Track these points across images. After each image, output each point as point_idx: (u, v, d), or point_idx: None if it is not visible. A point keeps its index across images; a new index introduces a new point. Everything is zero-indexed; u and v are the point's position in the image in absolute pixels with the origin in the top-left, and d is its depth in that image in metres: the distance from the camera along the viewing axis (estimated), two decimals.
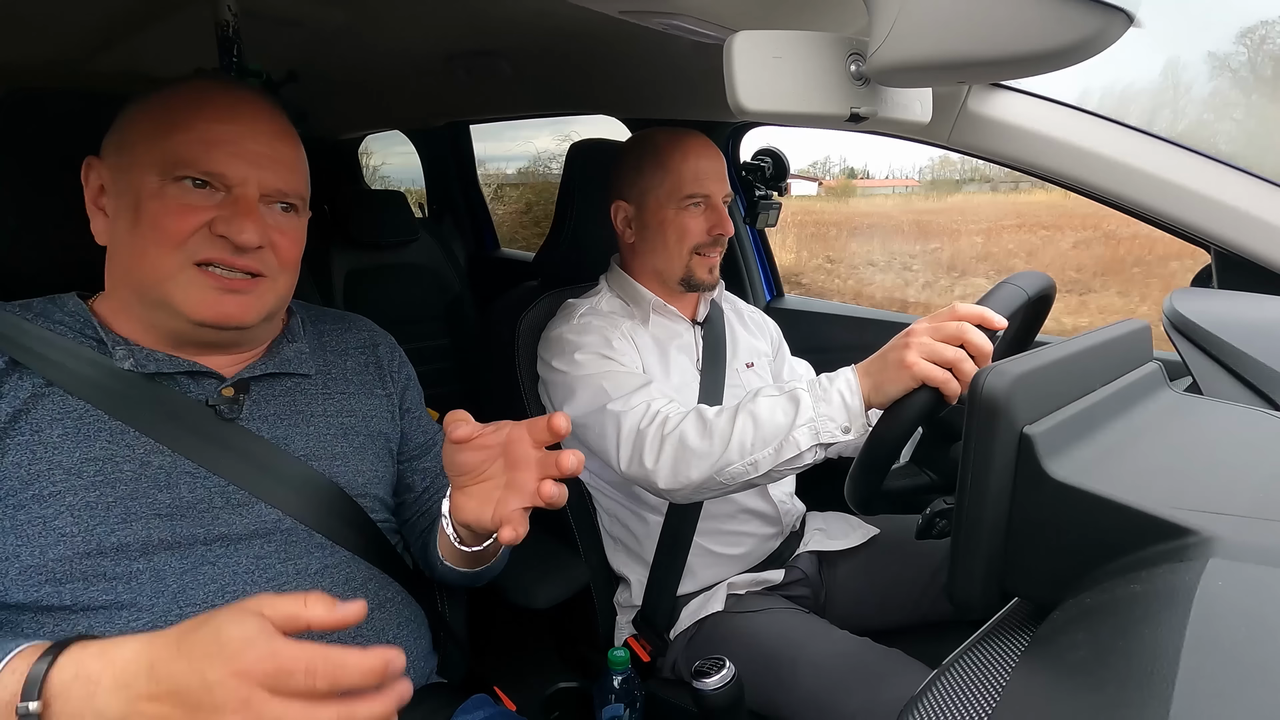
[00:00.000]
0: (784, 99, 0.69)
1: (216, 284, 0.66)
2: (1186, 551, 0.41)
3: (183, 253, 0.65)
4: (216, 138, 0.66)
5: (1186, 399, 0.65)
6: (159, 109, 0.67)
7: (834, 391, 0.85)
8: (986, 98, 1.05)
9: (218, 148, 0.66)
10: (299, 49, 1.40)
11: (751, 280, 1.77)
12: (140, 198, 0.65)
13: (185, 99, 0.67)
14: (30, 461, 0.61)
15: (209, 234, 0.65)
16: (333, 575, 0.74)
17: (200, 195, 0.66)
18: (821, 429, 0.84)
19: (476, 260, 2.45)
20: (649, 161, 1.13)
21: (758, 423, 0.87)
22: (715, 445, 0.88)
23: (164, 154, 0.65)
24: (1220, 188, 0.95)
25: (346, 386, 0.81)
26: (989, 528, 0.50)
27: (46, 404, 0.63)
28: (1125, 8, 0.56)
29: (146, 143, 0.66)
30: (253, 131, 0.68)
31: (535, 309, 1.21)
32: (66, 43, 1.33)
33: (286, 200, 0.71)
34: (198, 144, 0.65)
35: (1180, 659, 0.32)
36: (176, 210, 0.65)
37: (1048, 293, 0.88)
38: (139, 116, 0.67)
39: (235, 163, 0.66)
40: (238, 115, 0.68)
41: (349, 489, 0.76)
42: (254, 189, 0.67)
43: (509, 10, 1.14)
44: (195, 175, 0.65)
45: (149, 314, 0.68)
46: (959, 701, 0.43)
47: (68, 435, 0.63)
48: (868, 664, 0.94)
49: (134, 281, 0.67)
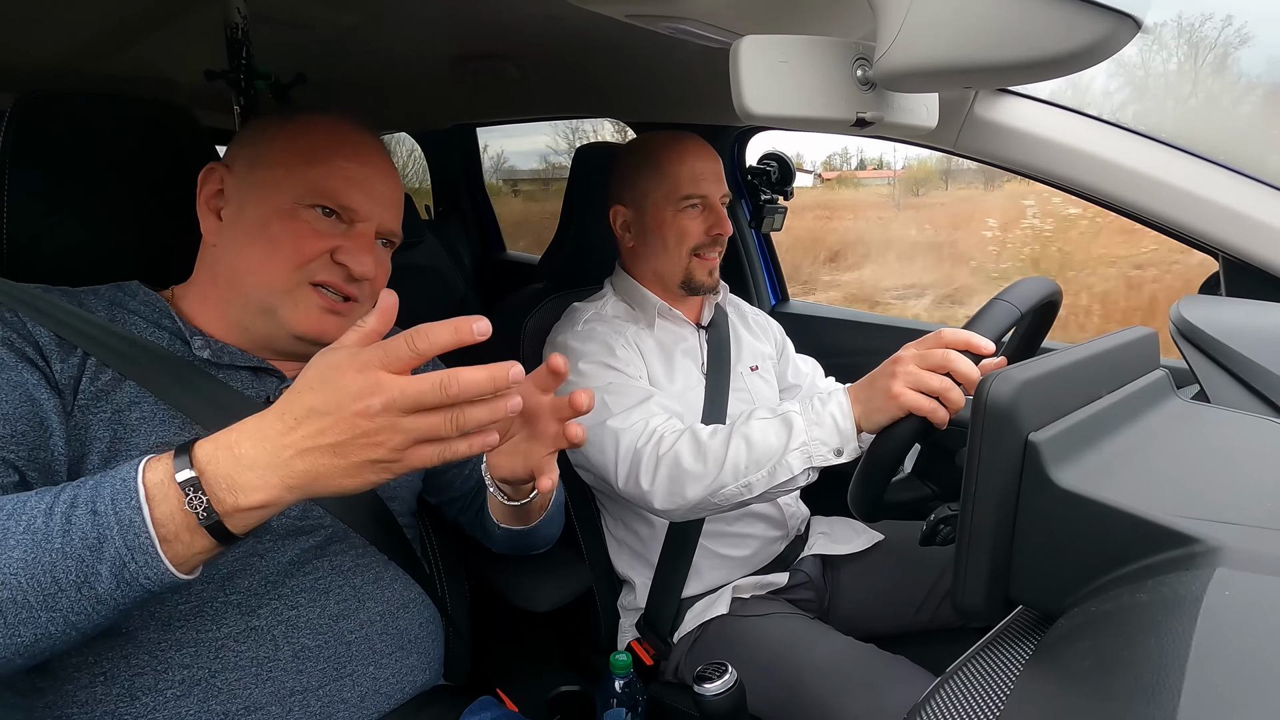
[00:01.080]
0: (790, 104, 0.69)
1: (324, 304, 0.72)
2: (1193, 561, 0.41)
3: (302, 272, 0.71)
4: (351, 175, 0.73)
5: (1194, 407, 0.65)
6: (298, 138, 0.73)
7: (826, 414, 0.86)
8: (993, 103, 1.04)
9: (352, 184, 0.72)
10: (307, 52, 1.41)
11: (756, 284, 1.77)
12: (271, 215, 0.70)
13: (323, 134, 0.73)
14: (111, 439, 0.65)
15: (329, 260, 0.72)
16: (364, 573, 0.77)
17: (327, 224, 0.72)
18: (814, 453, 0.86)
19: (482, 262, 2.46)
20: (645, 165, 1.14)
21: (751, 445, 0.88)
22: (710, 467, 0.89)
23: (303, 181, 0.71)
24: (1228, 194, 0.94)
25: None
26: (994, 535, 0.50)
27: (125, 389, 0.66)
28: (1133, 13, 0.55)
29: (286, 166, 0.71)
30: (379, 174, 0.75)
31: (540, 312, 1.22)
32: (78, 46, 1.34)
33: (392, 238, 0.79)
34: (336, 178, 0.72)
35: (1186, 669, 0.32)
36: (308, 234, 0.71)
37: (1053, 299, 0.87)
38: (278, 140, 0.73)
39: (365, 200, 0.73)
40: (367, 157, 0.75)
41: (381, 491, 0.80)
42: (375, 226, 0.75)
43: (516, 13, 1.14)
44: (328, 205, 0.72)
45: (246, 317, 0.72)
46: (962, 710, 0.43)
47: (144, 419, 0.66)
48: (871, 670, 0.94)
49: (246, 285, 0.71)
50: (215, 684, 0.66)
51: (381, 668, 0.76)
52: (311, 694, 0.71)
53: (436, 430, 0.49)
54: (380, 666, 0.76)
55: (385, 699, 0.76)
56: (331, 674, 0.72)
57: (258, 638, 0.68)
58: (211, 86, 1.21)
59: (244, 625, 0.68)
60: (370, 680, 0.75)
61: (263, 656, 0.68)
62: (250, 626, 0.68)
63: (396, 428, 0.48)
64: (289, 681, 0.70)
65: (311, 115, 0.75)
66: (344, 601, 0.74)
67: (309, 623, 0.71)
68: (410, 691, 0.79)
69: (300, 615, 0.71)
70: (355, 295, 0.74)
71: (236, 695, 0.67)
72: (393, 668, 0.77)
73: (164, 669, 0.65)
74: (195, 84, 1.33)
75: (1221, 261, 0.99)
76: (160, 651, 0.65)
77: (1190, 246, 1.01)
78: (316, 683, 0.71)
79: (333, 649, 0.72)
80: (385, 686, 0.76)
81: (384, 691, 0.76)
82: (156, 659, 0.65)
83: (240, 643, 0.68)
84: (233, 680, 0.67)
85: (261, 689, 0.68)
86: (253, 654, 0.68)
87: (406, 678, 0.79)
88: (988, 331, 0.79)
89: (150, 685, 0.64)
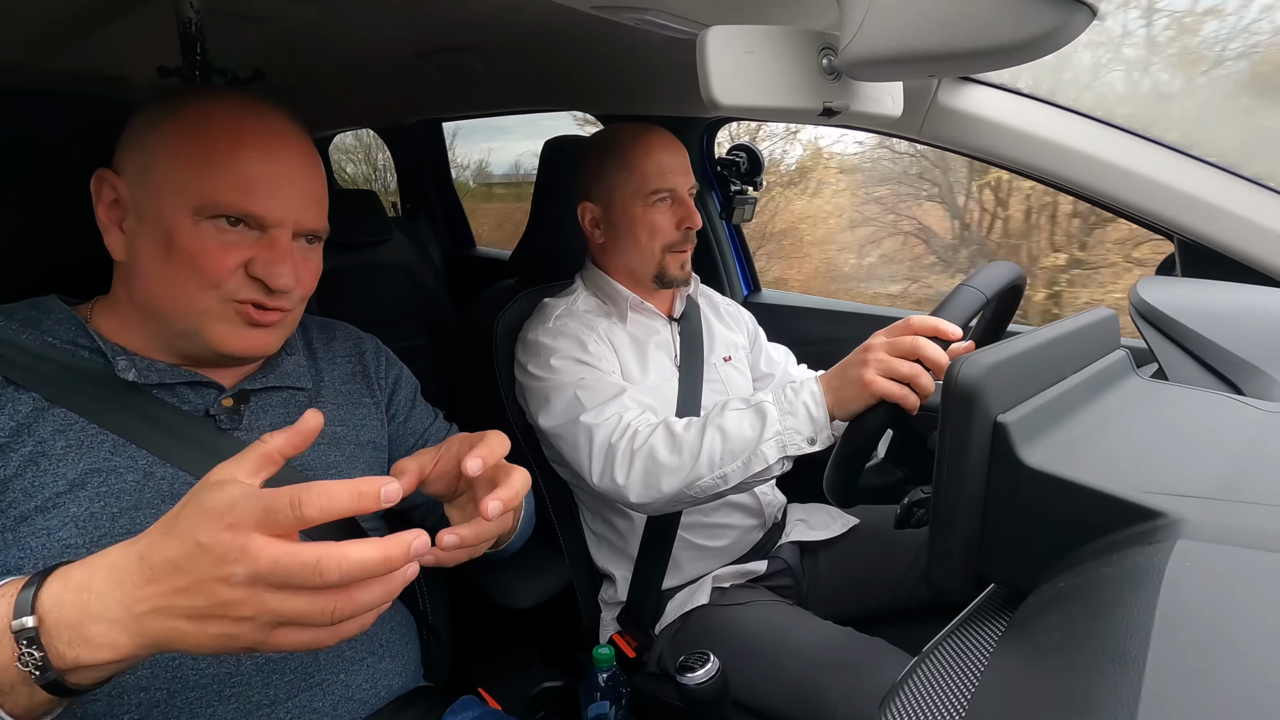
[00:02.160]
0: (757, 94, 0.69)
1: (247, 319, 0.67)
2: (1155, 534, 0.42)
3: (218, 292, 0.65)
4: (256, 178, 0.64)
5: (1153, 385, 0.67)
6: (189, 136, 0.64)
7: (799, 404, 0.87)
8: (956, 91, 1.06)
9: (256, 189, 0.64)
10: (266, 46, 1.37)
11: (729, 275, 1.78)
12: (172, 231, 0.63)
13: (218, 128, 0.64)
14: (34, 473, 0.60)
15: (245, 276, 0.65)
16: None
17: (235, 234, 0.65)
18: (789, 442, 0.87)
19: (453, 259, 2.43)
20: (612, 160, 1.13)
21: (726, 437, 0.88)
22: (685, 460, 0.90)
23: (200, 192, 0.63)
24: (1183, 178, 0.97)
25: (335, 397, 0.82)
26: (965, 515, 0.51)
27: (49, 416, 0.62)
28: (1088, 2, 0.57)
29: (180, 174, 0.63)
30: (289, 170, 0.67)
31: (512, 308, 1.21)
32: (25, 42, 1.29)
33: (315, 235, 0.71)
34: (237, 186, 0.64)
35: (1150, 639, 0.33)
36: (214, 250, 0.64)
37: (1018, 283, 0.89)
38: (166, 141, 0.64)
39: (274, 205, 0.65)
40: (273, 150, 0.66)
41: None
42: (289, 230, 0.67)
43: (479, 6, 1.13)
44: (233, 215, 0.64)
45: (169, 336, 0.67)
46: (939, 687, 0.44)
47: (70, 447, 0.62)
48: (850, 652, 0.96)
49: (162, 310, 0.66)
50: (175, 704, 0.63)
51: (353, 674, 0.74)
52: (280, 705, 0.68)
53: (306, 616, 0.41)
54: (351, 673, 0.74)
55: (360, 704, 0.75)
56: (300, 684, 0.70)
57: (217, 654, 0.66)
58: (166, 84, 1.18)
59: None
60: (342, 687, 0.73)
61: (224, 673, 0.66)
62: None
63: (261, 604, 0.40)
64: (254, 695, 0.67)
65: (202, 102, 0.66)
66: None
67: None
68: (386, 695, 0.78)
69: None
70: (285, 306, 0.69)
71: (199, 714, 0.64)
72: (365, 673, 0.75)
73: (119, 694, 0.62)
74: (150, 81, 1.29)
75: (1177, 243, 1.02)
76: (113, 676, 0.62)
77: (1146, 229, 1.04)
78: (285, 694, 0.69)
79: (299, 659, 0.70)
80: (359, 693, 0.75)
81: (358, 698, 0.74)
82: (110, 684, 0.62)
83: (199, 661, 0.64)
84: (194, 699, 0.64)
85: (225, 705, 0.66)
86: (213, 671, 0.65)
87: (381, 681, 0.77)
88: (955, 317, 0.81)
89: (104, 712, 0.61)
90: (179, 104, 0.66)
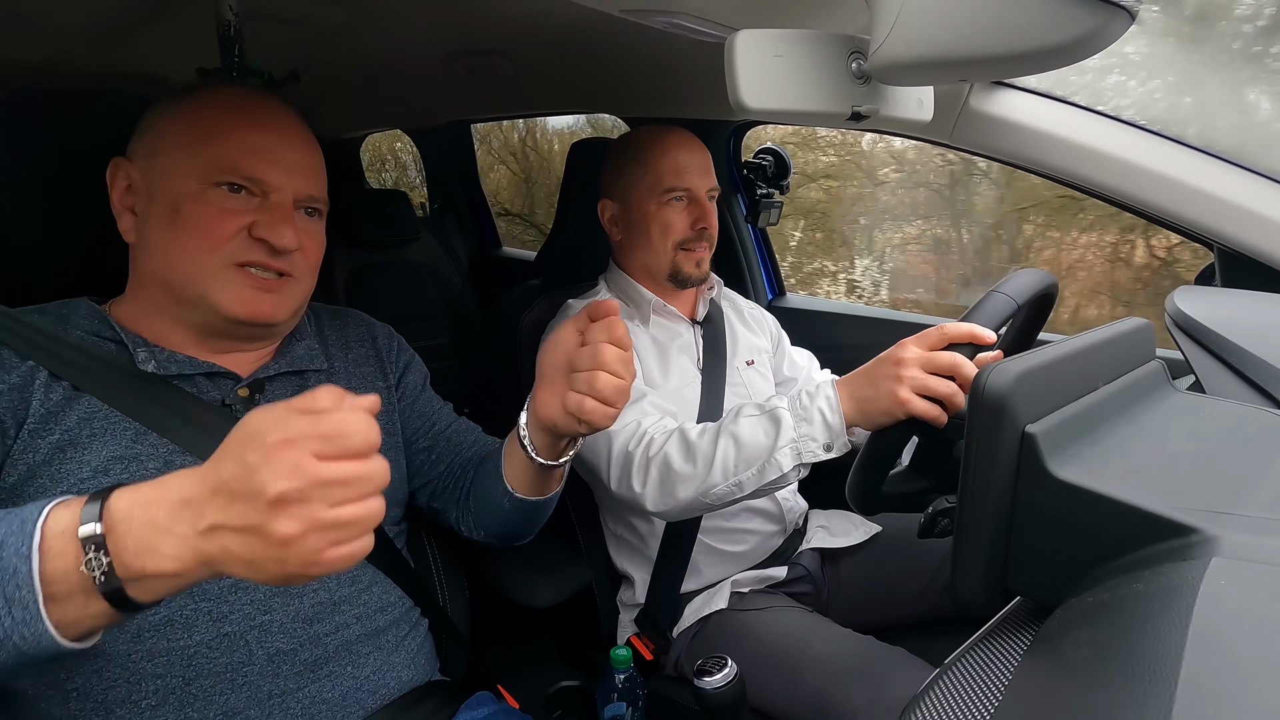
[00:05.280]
0: (785, 97, 0.69)
1: (253, 283, 0.70)
2: (1189, 550, 0.41)
3: (223, 254, 0.68)
4: (255, 145, 0.69)
5: (1190, 398, 0.65)
6: (196, 115, 0.69)
7: (814, 410, 0.85)
8: (988, 95, 1.04)
9: (257, 155, 0.69)
10: (300, 48, 1.40)
11: (753, 279, 1.77)
12: (179, 201, 0.68)
13: (222, 107, 0.70)
14: (61, 461, 0.63)
15: (248, 237, 0.69)
16: (338, 575, 0.75)
17: (239, 200, 0.69)
18: (804, 449, 0.85)
19: (478, 259, 2.45)
20: (630, 158, 1.14)
21: (740, 444, 0.88)
22: (699, 468, 0.89)
23: (205, 160, 0.67)
24: (1223, 185, 0.95)
25: (349, 381, 0.83)
26: (991, 526, 0.50)
27: (77, 405, 0.65)
28: (1126, 5, 0.55)
29: (185, 148, 0.68)
30: (286, 141, 0.72)
31: (536, 308, 1.22)
32: (69, 42, 1.33)
33: (314, 205, 0.75)
34: (239, 151, 0.68)
35: (1183, 658, 0.32)
36: (218, 214, 0.68)
37: (1049, 291, 0.87)
38: (173, 122, 0.70)
39: (273, 170, 0.70)
40: (271, 124, 0.71)
41: None
42: (289, 195, 0.71)
43: (510, 9, 1.14)
44: (235, 181, 0.68)
45: (181, 310, 0.70)
46: (961, 700, 0.43)
47: (95, 435, 0.65)
48: (870, 662, 0.95)
49: (170, 279, 0.69)
50: (190, 691, 0.65)
51: (361, 666, 0.75)
52: (290, 696, 0.70)
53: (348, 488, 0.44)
54: (359, 665, 0.75)
55: (370, 694, 0.76)
56: (309, 676, 0.71)
57: (230, 643, 0.67)
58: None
59: (215, 631, 0.67)
60: (350, 679, 0.74)
61: (236, 662, 0.67)
62: (222, 633, 0.67)
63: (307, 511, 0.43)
64: (266, 685, 0.69)
65: (208, 90, 0.71)
66: (318, 604, 0.73)
67: (282, 626, 0.70)
68: (397, 688, 0.78)
69: (273, 619, 0.70)
70: (288, 270, 0.71)
71: (213, 702, 0.66)
72: (373, 665, 0.76)
73: (137, 680, 0.64)
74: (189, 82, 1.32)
75: (1217, 252, 1.00)
76: (132, 663, 0.64)
77: (1185, 238, 1.01)
78: (294, 685, 0.70)
79: (308, 651, 0.71)
80: (368, 684, 0.76)
81: (367, 688, 0.75)
82: (129, 670, 0.64)
83: (213, 649, 0.66)
84: (208, 687, 0.66)
85: (238, 694, 0.67)
86: (226, 660, 0.67)
87: (390, 673, 0.78)
88: (986, 324, 0.79)
89: (124, 698, 0.64)
90: (184, 94, 0.71)
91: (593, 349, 0.65)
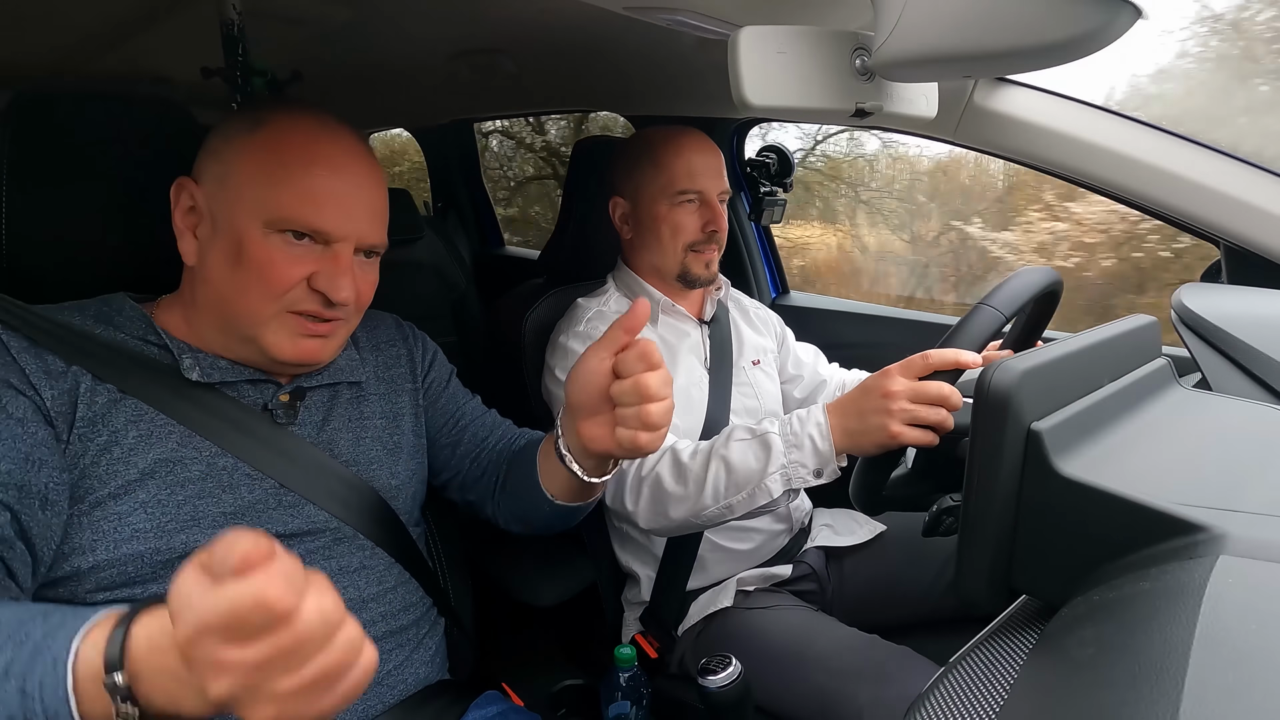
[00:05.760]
0: (789, 94, 0.68)
1: (304, 330, 0.70)
2: (1196, 548, 0.41)
3: (280, 302, 0.68)
4: (325, 194, 0.68)
5: (1195, 395, 0.65)
6: (265, 153, 0.68)
7: (805, 437, 0.85)
8: (993, 92, 1.04)
9: (326, 206, 0.68)
10: (303, 47, 1.40)
11: (757, 277, 1.77)
12: (243, 240, 0.67)
13: (293, 145, 0.68)
14: (109, 461, 0.64)
15: (307, 288, 0.69)
16: (368, 575, 0.77)
17: (301, 248, 0.68)
18: (794, 475, 0.86)
19: (482, 258, 2.46)
20: (643, 158, 1.14)
21: (730, 469, 0.88)
22: (690, 490, 0.90)
23: (272, 205, 0.67)
24: (1229, 182, 0.94)
25: (380, 386, 0.84)
26: (996, 524, 0.50)
27: (122, 407, 0.66)
28: (1132, 0, 0.55)
29: (253, 186, 0.67)
30: (358, 188, 0.71)
31: (540, 307, 1.22)
32: (73, 43, 1.33)
33: (374, 250, 0.75)
34: (307, 201, 0.67)
35: (1190, 656, 0.32)
36: (281, 261, 0.67)
37: (1053, 288, 0.87)
38: (245, 155, 0.68)
39: (340, 221, 0.69)
40: (344, 169, 0.70)
41: (383, 491, 0.79)
42: (352, 245, 0.71)
43: (513, 7, 1.14)
44: (299, 229, 0.68)
45: (230, 341, 0.71)
46: (966, 699, 0.43)
47: (142, 438, 0.66)
48: (875, 660, 0.94)
49: (227, 314, 0.69)
50: None
51: (384, 663, 0.76)
52: None
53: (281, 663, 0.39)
54: (383, 662, 0.75)
55: (390, 690, 0.77)
56: None
57: None
58: (208, 84, 1.21)
59: None
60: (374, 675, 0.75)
61: None
62: None
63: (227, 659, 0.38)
64: None
65: (280, 119, 0.69)
66: (347, 601, 0.73)
67: None
68: (413, 685, 0.79)
69: None
70: (341, 318, 0.72)
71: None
72: (395, 662, 0.78)
73: None
74: (192, 82, 1.33)
75: (1223, 249, 0.99)
76: None
77: (1191, 234, 1.01)
78: None
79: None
80: (389, 679, 0.77)
81: (388, 684, 0.77)
82: None
83: None
84: None
85: None
86: None
87: (410, 671, 0.79)
88: (972, 343, 0.79)
89: None
90: (259, 119, 0.69)
91: (634, 383, 0.64)
